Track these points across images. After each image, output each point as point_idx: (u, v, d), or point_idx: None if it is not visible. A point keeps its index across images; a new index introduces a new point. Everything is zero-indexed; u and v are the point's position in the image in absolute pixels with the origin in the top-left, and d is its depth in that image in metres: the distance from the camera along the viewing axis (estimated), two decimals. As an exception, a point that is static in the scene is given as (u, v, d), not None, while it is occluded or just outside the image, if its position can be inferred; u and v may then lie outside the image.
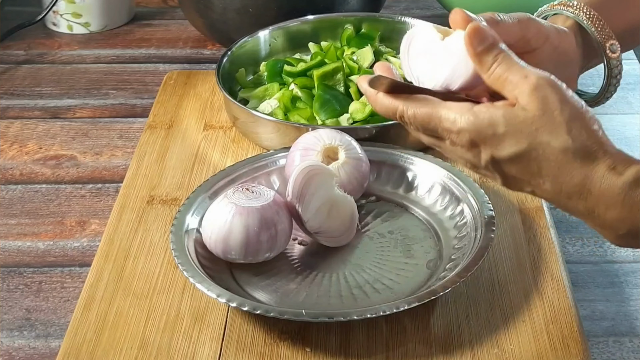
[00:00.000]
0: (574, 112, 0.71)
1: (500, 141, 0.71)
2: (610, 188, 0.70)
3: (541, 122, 0.71)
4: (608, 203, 0.70)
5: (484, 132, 0.72)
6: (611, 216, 0.71)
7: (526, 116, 0.71)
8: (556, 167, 0.71)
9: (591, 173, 0.70)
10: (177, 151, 1.07)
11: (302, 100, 1.09)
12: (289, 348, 0.81)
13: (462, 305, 0.85)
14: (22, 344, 0.86)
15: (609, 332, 0.86)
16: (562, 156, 0.71)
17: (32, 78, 1.28)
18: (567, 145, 0.70)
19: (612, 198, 0.70)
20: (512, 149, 0.71)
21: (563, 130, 0.70)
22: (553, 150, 0.71)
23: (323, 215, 0.87)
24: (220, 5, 1.25)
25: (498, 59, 0.73)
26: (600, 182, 0.70)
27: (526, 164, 0.72)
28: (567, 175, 0.71)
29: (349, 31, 1.21)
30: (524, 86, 0.71)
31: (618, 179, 0.70)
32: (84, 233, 0.99)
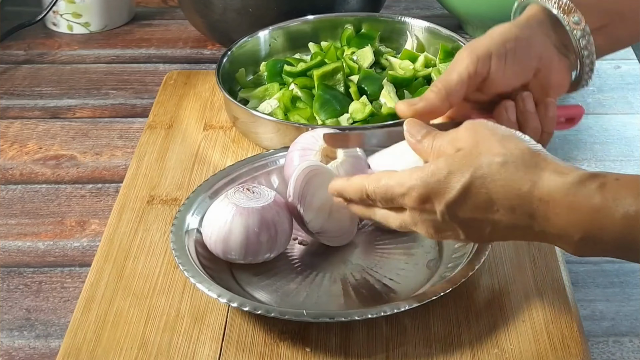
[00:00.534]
0: (506, 134, 0.74)
1: (446, 184, 0.73)
2: (557, 191, 0.71)
3: (477, 150, 0.73)
4: (558, 207, 0.71)
5: (430, 182, 0.74)
6: (564, 221, 0.71)
7: (464, 151, 0.74)
8: (503, 183, 0.72)
9: (538, 178, 0.71)
10: (177, 151, 1.07)
11: (302, 100, 1.09)
12: (289, 348, 0.81)
13: (462, 305, 0.85)
14: (22, 344, 0.86)
15: (609, 332, 0.86)
16: (504, 170, 0.72)
17: (32, 78, 1.28)
18: (506, 158, 0.72)
19: (561, 201, 0.70)
20: (458, 184, 0.73)
21: (498, 148, 0.73)
22: (496, 168, 0.72)
23: (324, 216, 0.87)
24: (220, 5, 1.25)
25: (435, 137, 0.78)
26: (548, 186, 0.71)
27: (477, 196, 0.73)
28: (515, 187, 0.72)
29: (349, 31, 1.21)
30: (457, 134, 0.76)
31: (565, 179, 0.71)
32: (84, 233, 0.99)
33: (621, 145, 1.11)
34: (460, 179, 0.73)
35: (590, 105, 1.19)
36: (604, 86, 1.22)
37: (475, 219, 0.74)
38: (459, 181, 0.73)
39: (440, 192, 0.74)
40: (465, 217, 0.74)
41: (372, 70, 1.13)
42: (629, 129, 1.14)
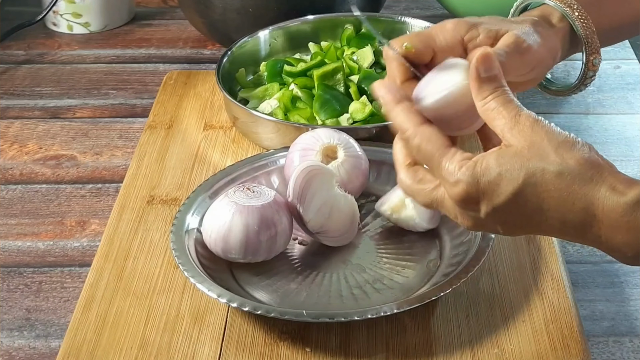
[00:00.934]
0: (561, 140, 0.70)
1: (496, 186, 0.69)
2: (614, 209, 0.68)
3: (530, 153, 0.69)
4: (613, 227, 0.68)
5: (481, 182, 0.70)
6: (617, 240, 0.68)
7: (515, 151, 0.70)
8: (556, 195, 0.68)
9: (593, 195, 0.68)
10: (177, 151, 1.07)
11: (302, 100, 1.09)
12: (289, 348, 0.81)
13: (462, 305, 0.85)
14: (22, 344, 0.86)
15: (609, 332, 0.86)
16: (559, 181, 0.68)
17: (32, 78, 1.28)
18: (562, 168, 0.68)
19: (616, 221, 0.68)
20: (508, 188, 0.69)
21: (554, 156, 0.69)
22: (550, 177, 0.68)
23: (324, 215, 0.87)
24: (220, 5, 1.25)
25: (497, 91, 0.72)
26: (603, 205, 0.68)
27: (526, 203, 0.69)
28: (569, 202, 0.68)
29: (349, 31, 1.21)
30: (512, 123, 0.71)
31: (621, 199, 0.67)
32: (84, 233, 0.99)
33: (621, 145, 1.11)
34: (512, 184, 0.69)
35: (590, 105, 1.19)
36: (604, 86, 1.22)
37: (521, 223, 0.71)
38: (509, 185, 0.69)
39: (488, 194, 0.70)
40: (510, 220, 0.71)
41: (372, 70, 1.13)
42: (629, 129, 1.14)
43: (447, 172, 0.71)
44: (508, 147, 0.70)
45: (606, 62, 1.28)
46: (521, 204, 0.69)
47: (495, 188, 0.69)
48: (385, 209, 0.91)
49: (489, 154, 0.70)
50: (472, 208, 0.71)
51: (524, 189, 0.69)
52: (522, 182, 0.69)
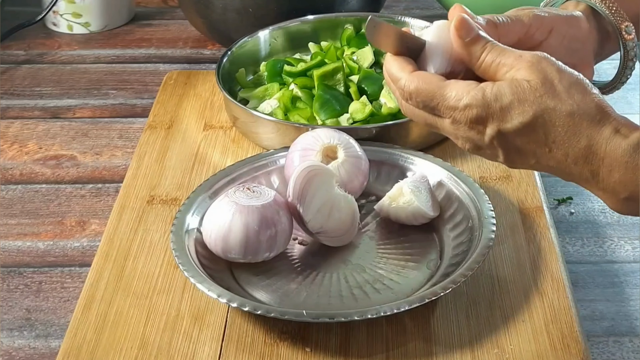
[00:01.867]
0: (572, 80, 0.73)
1: (506, 113, 0.72)
2: (615, 150, 0.71)
3: (544, 90, 0.72)
4: (612, 165, 0.71)
5: (492, 106, 0.72)
6: (614, 179, 0.72)
7: (530, 85, 0.72)
8: (563, 131, 0.72)
9: (597, 135, 0.71)
10: (177, 151, 1.07)
11: (302, 100, 1.09)
12: (289, 348, 0.81)
13: (462, 305, 0.85)
14: (22, 344, 0.86)
15: (609, 332, 0.86)
16: (569, 120, 0.71)
17: (32, 78, 1.28)
18: (573, 109, 0.71)
19: (616, 160, 0.71)
20: (519, 118, 0.72)
21: (566, 96, 0.72)
22: (560, 115, 0.71)
23: (324, 215, 0.87)
24: (220, 5, 1.25)
25: (487, 47, 0.74)
26: (605, 144, 0.71)
27: (533, 133, 0.72)
28: (574, 138, 0.72)
29: (349, 31, 1.21)
30: (521, 64, 0.73)
31: (623, 141, 0.71)
32: (84, 233, 0.99)
33: (621, 145, 1.11)
34: (523, 113, 0.72)
35: (590, 105, 1.19)
36: (604, 86, 1.22)
37: (523, 150, 0.73)
38: (521, 114, 0.72)
39: (497, 118, 0.72)
40: (514, 146, 0.73)
41: (372, 70, 1.13)
42: (629, 129, 1.14)
43: (454, 99, 0.73)
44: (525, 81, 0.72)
45: (606, 62, 1.27)
46: (528, 134, 0.72)
47: (507, 114, 0.72)
48: (384, 199, 0.92)
49: (500, 82, 0.72)
50: (479, 130, 0.73)
51: (534, 121, 0.72)
52: (534, 115, 0.71)
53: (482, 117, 0.72)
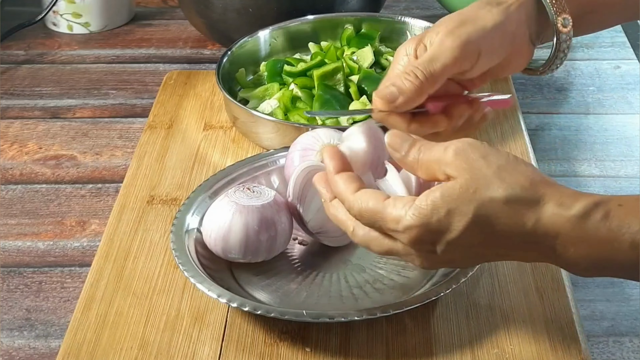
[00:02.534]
0: (500, 163, 0.71)
1: (448, 224, 0.70)
2: (563, 226, 0.69)
3: (475, 184, 0.70)
4: (565, 241, 0.69)
5: (431, 223, 0.70)
6: (571, 253, 0.69)
7: (460, 185, 0.70)
8: (507, 221, 0.69)
9: (541, 214, 0.69)
10: (177, 151, 1.07)
11: (302, 100, 1.09)
12: (289, 348, 0.81)
13: (462, 305, 0.85)
14: (22, 344, 0.86)
15: (609, 332, 0.86)
16: (507, 208, 0.69)
17: (32, 78, 1.28)
18: (508, 194, 0.69)
19: (567, 236, 0.69)
20: (460, 224, 0.70)
21: (498, 183, 0.70)
22: (498, 205, 0.69)
23: (324, 216, 0.86)
24: (220, 5, 1.25)
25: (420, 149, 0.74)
26: (552, 223, 0.69)
27: (480, 234, 0.70)
28: (520, 224, 0.69)
29: (349, 31, 1.21)
30: (446, 157, 0.72)
31: (568, 213, 0.69)
32: (84, 233, 0.99)
33: (621, 145, 1.11)
34: (463, 219, 0.70)
35: (590, 105, 1.19)
36: (604, 86, 1.22)
37: (477, 253, 0.72)
38: (460, 221, 0.70)
39: (441, 232, 0.70)
40: (467, 252, 0.72)
41: (372, 70, 1.13)
42: (629, 129, 1.14)
43: (394, 221, 0.71)
44: (452, 181, 0.71)
45: (606, 62, 1.28)
46: (475, 235, 0.70)
47: (448, 225, 0.70)
48: None
49: (432, 192, 0.71)
50: (427, 249, 0.72)
51: (476, 220, 0.70)
52: (474, 215, 0.70)
53: (425, 236, 0.71)
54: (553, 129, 1.14)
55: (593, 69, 1.26)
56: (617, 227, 0.68)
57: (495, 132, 1.08)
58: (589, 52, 1.30)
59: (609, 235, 0.68)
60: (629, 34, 1.36)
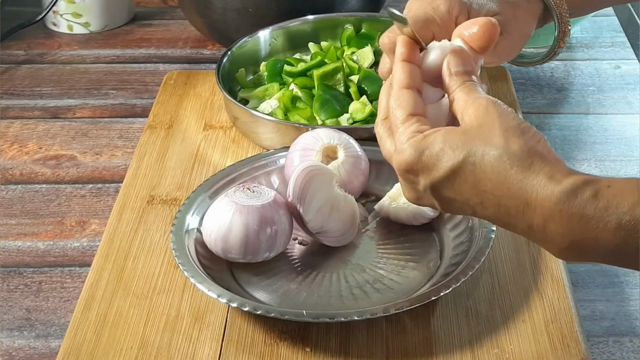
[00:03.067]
0: (512, 125, 0.70)
1: (437, 160, 0.70)
2: (547, 198, 0.67)
3: (477, 132, 0.70)
4: (546, 215, 0.67)
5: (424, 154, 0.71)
6: (550, 229, 0.68)
7: (463, 129, 0.71)
8: (492, 178, 0.68)
9: (528, 182, 0.68)
10: (177, 151, 1.07)
11: (302, 100, 1.09)
12: (289, 348, 0.81)
13: (462, 305, 0.85)
14: (22, 344, 0.86)
15: (609, 332, 0.86)
16: (497, 164, 0.68)
17: (32, 78, 1.28)
18: (502, 152, 0.68)
19: (550, 209, 0.67)
20: (447, 164, 0.70)
21: (497, 138, 0.69)
22: (489, 159, 0.69)
23: (324, 216, 0.87)
24: (220, 5, 1.25)
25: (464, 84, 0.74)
26: (537, 192, 0.67)
27: (462, 182, 0.70)
28: (504, 186, 0.68)
29: (349, 31, 1.21)
30: (467, 104, 0.72)
31: (556, 187, 0.67)
32: (84, 233, 0.99)
33: (621, 145, 1.11)
34: (451, 160, 0.69)
35: (590, 105, 1.19)
36: (604, 86, 1.22)
37: (456, 201, 0.71)
38: (448, 161, 0.70)
39: (428, 168, 0.71)
40: (446, 197, 0.71)
41: (372, 70, 1.13)
42: (629, 129, 1.14)
43: (398, 140, 0.73)
44: (461, 127, 0.72)
45: (606, 62, 1.28)
46: (458, 182, 0.70)
47: (436, 162, 0.70)
48: (384, 199, 0.92)
49: (440, 129, 0.71)
50: (412, 180, 0.72)
51: (462, 166, 0.70)
52: (462, 160, 0.69)
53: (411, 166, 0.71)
54: (553, 129, 1.14)
55: (593, 69, 1.26)
56: (605, 207, 0.66)
57: (495, 132, 1.08)
58: (589, 52, 1.30)
59: (595, 214, 0.66)
60: (629, 34, 1.36)
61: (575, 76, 1.25)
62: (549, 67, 1.26)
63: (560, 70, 1.26)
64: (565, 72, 1.25)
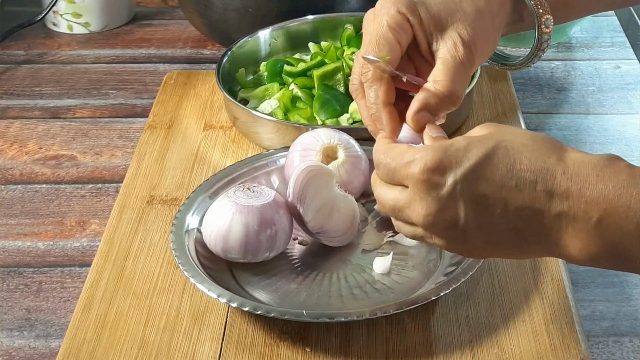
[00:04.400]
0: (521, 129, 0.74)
1: (466, 152, 0.69)
2: (584, 164, 0.68)
3: (496, 130, 0.71)
4: (582, 181, 0.68)
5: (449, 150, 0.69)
6: (585, 197, 0.67)
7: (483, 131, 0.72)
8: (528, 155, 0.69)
9: (563, 153, 0.69)
10: (177, 151, 1.07)
11: (302, 100, 1.09)
12: (289, 348, 0.81)
13: (462, 305, 0.85)
14: (22, 344, 0.86)
15: (609, 332, 0.86)
16: (530, 143, 0.70)
17: (32, 78, 1.28)
18: (532, 135, 0.70)
19: (587, 174, 0.68)
20: (480, 152, 0.69)
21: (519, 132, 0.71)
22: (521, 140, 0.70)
23: (324, 216, 0.87)
24: (220, 5, 1.25)
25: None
26: (573, 160, 0.69)
27: (497, 166, 0.69)
28: (540, 158, 0.69)
29: (349, 31, 1.21)
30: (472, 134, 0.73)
31: (590, 156, 0.69)
32: (84, 233, 0.99)
33: (621, 145, 1.11)
34: (482, 147, 0.69)
35: (590, 105, 1.19)
36: (604, 86, 1.22)
37: (488, 197, 0.69)
38: (480, 149, 0.69)
39: (456, 161, 0.69)
40: (477, 193, 0.69)
41: (372, 70, 1.13)
42: (629, 129, 1.14)
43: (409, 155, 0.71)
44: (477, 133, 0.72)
45: (606, 62, 1.28)
46: (491, 168, 0.69)
47: (465, 154, 0.69)
48: None
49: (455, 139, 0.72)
50: (437, 181, 0.69)
51: (495, 151, 0.69)
52: (494, 145, 0.69)
53: (438, 163, 0.69)
54: (553, 129, 1.14)
55: (593, 69, 1.26)
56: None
57: (495, 132, 1.08)
58: (589, 52, 1.30)
59: (630, 180, 0.67)
60: (629, 34, 1.36)
61: (575, 76, 1.25)
62: (549, 67, 1.26)
63: (560, 70, 1.26)
64: (565, 72, 1.25)
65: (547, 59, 1.28)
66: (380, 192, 0.74)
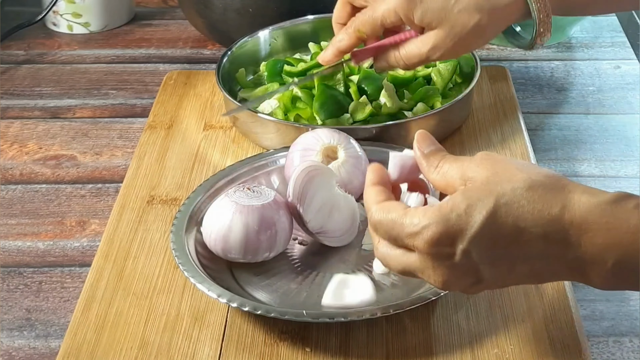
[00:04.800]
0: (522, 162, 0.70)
1: (468, 217, 0.67)
2: (591, 211, 0.66)
3: (496, 178, 0.68)
4: (592, 230, 0.66)
5: (450, 218, 0.67)
6: (598, 244, 0.66)
7: (481, 181, 0.68)
8: (530, 209, 0.67)
9: (567, 200, 0.67)
10: (177, 151, 1.07)
11: (302, 100, 1.09)
12: (289, 348, 0.81)
13: (462, 305, 0.85)
14: (22, 344, 0.86)
15: (609, 332, 0.86)
16: (530, 194, 0.67)
17: (32, 78, 1.28)
18: (531, 183, 0.67)
19: (596, 222, 0.66)
20: (481, 215, 0.67)
21: (520, 174, 0.68)
22: (521, 192, 0.67)
23: (324, 216, 0.87)
24: (220, 5, 1.25)
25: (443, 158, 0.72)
26: (579, 208, 0.66)
27: (502, 226, 0.67)
28: (544, 212, 0.66)
29: (349, 31, 1.21)
30: (471, 163, 0.70)
31: (597, 199, 0.66)
32: (84, 233, 0.99)
33: (621, 145, 1.11)
34: (483, 209, 0.67)
35: (590, 105, 1.19)
36: (604, 86, 1.22)
37: (502, 255, 0.68)
38: (481, 212, 0.67)
39: (461, 229, 0.67)
40: (491, 254, 0.68)
41: (372, 70, 1.13)
42: (629, 129, 1.14)
43: (412, 225, 0.69)
44: (472, 182, 0.69)
45: (606, 62, 1.28)
46: (498, 227, 0.67)
47: (468, 219, 0.67)
48: None
49: (453, 195, 0.69)
50: (447, 252, 0.68)
51: (497, 210, 0.67)
52: (494, 205, 0.67)
53: (444, 235, 0.67)
54: (553, 129, 1.14)
55: (593, 69, 1.26)
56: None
57: (495, 133, 1.08)
58: (589, 52, 1.30)
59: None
60: (629, 34, 1.36)
61: (575, 76, 1.25)
62: (549, 67, 1.26)
63: (560, 70, 1.26)
64: (565, 72, 1.25)
65: (547, 59, 1.28)
66: (384, 254, 0.72)
